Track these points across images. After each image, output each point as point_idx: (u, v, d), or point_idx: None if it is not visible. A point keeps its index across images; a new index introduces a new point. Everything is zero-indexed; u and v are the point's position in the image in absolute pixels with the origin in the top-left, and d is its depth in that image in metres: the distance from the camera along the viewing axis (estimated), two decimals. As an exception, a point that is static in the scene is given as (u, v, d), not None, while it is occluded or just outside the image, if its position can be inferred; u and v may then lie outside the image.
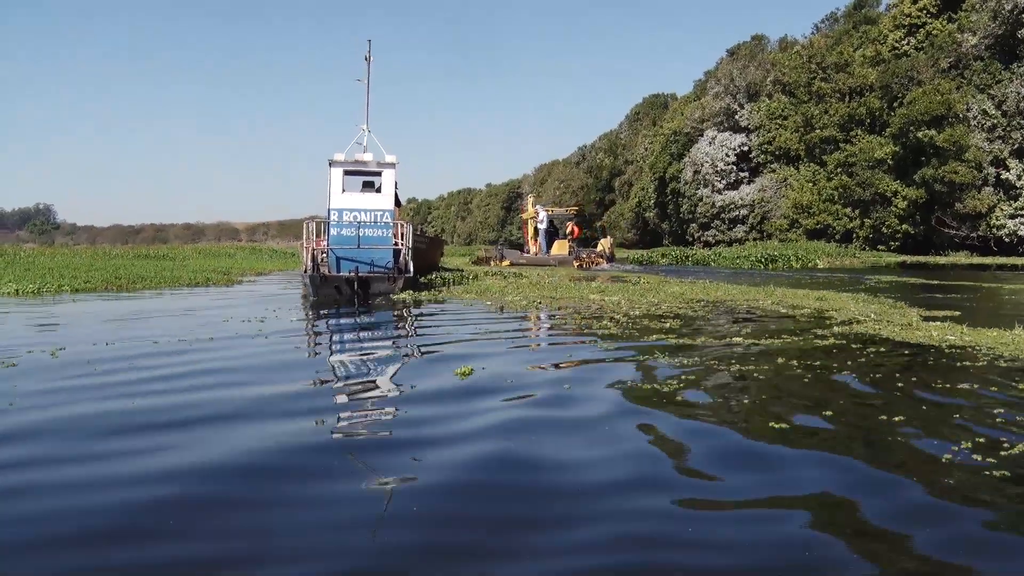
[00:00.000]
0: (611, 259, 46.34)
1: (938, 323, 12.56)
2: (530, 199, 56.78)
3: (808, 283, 25.51)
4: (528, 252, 48.31)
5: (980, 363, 8.76)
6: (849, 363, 8.81)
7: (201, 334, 11.40)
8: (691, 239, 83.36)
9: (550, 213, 50.83)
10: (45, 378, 7.92)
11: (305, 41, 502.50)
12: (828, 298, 17.88)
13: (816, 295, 18.85)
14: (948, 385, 7.55)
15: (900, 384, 7.60)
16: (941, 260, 51.25)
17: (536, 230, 49.20)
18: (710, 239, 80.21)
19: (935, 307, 15.86)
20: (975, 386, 7.44)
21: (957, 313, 14.58)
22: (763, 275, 33.02)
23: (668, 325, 12.58)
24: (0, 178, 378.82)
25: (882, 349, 9.94)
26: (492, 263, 44.55)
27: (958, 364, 8.76)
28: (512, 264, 43.04)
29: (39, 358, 9.12)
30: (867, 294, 19.35)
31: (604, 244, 47.97)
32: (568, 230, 49.05)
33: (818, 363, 8.79)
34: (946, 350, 9.75)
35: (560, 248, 46.96)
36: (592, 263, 42.82)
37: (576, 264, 42.19)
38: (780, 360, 8.98)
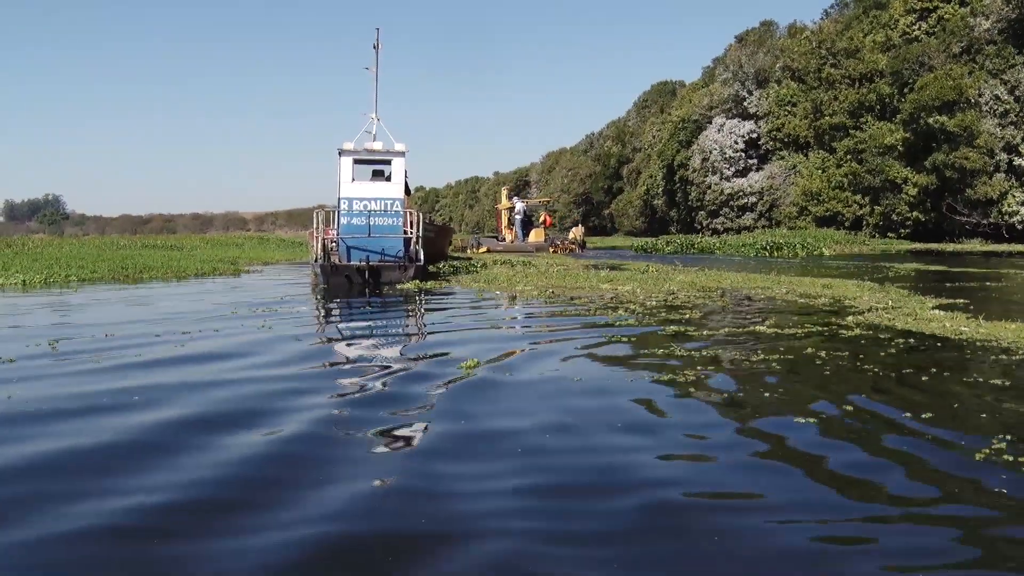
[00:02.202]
0: (582, 246, 50.47)
1: (951, 313, 12.35)
2: (504, 191, 62.86)
3: (816, 271, 25.27)
4: (503, 240, 51.93)
5: (1007, 357, 8.57)
6: (872, 356, 8.64)
7: (205, 326, 11.30)
8: (700, 227, 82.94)
9: (526, 204, 55.49)
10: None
11: (314, 28, 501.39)
12: (836, 286, 17.70)
13: (823, 282, 18.70)
14: (977, 379, 7.39)
15: (924, 379, 7.45)
16: (950, 247, 50.85)
17: (510, 220, 53.58)
18: (719, 227, 79.81)
19: (950, 296, 15.63)
20: (1006, 383, 7.25)
21: (969, 302, 14.36)
22: (769, 263, 32.76)
23: (687, 316, 12.42)
24: (10, 169, 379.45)
25: (897, 340, 9.75)
26: (469, 250, 46.23)
27: (992, 358, 8.56)
28: (489, 251, 45.14)
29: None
30: (876, 283, 19.11)
31: (575, 233, 53.01)
32: (541, 219, 53.80)
33: (845, 354, 8.62)
34: (977, 343, 9.52)
35: (537, 236, 50.52)
36: (566, 249, 46.50)
37: (551, 250, 45.50)
38: (809, 350, 8.83)
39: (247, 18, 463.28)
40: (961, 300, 14.67)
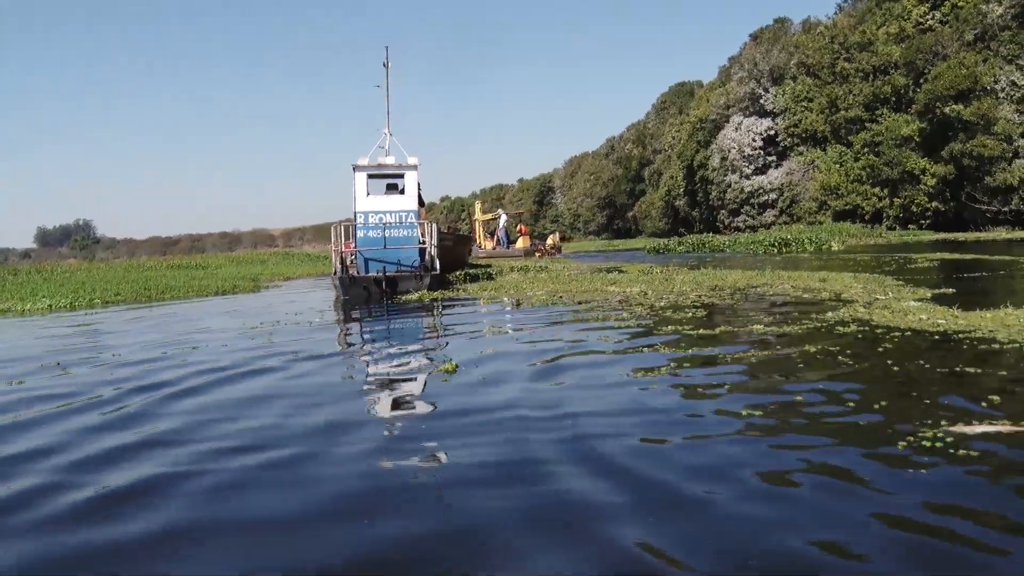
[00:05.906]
0: (559, 250, 60.32)
1: (928, 304, 12.56)
2: (478, 204, 73.76)
3: (816, 265, 25.41)
4: (482, 248, 57.62)
5: (987, 347, 8.87)
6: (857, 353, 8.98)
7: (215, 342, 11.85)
8: (721, 225, 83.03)
9: (507, 216, 64.37)
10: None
11: (342, 42, 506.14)
12: (830, 279, 17.89)
13: (820, 275, 18.93)
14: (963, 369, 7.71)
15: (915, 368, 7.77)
16: (971, 236, 50.42)
17: (485, 229, 62.96)
18: (740, 225, 79.83)
19: (945, 287, 15.81)
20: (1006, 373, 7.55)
21: (957, 292, 14.53)
22: (784, 259, 32.87)
23: (692, 315, 12.68)
24: (41, 196, 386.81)
25: (866, 333, 10.06)
26: None
27: (963, 348, 8.87)
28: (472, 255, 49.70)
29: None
30: (870, 274, 19.29)
31: (553, 239, 64.37)
32: (517, 228, 60.89)
33: (811, 348, 8.97)
34: (952, 335, 9.82)
35: (524, 242, 57.56)
36: (548, 253, 55.43)
37: (537, 254, 53.58)
38: (808, 347, 9.17)
39: (276, 31, 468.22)
40: (951, 290, 14.85)
